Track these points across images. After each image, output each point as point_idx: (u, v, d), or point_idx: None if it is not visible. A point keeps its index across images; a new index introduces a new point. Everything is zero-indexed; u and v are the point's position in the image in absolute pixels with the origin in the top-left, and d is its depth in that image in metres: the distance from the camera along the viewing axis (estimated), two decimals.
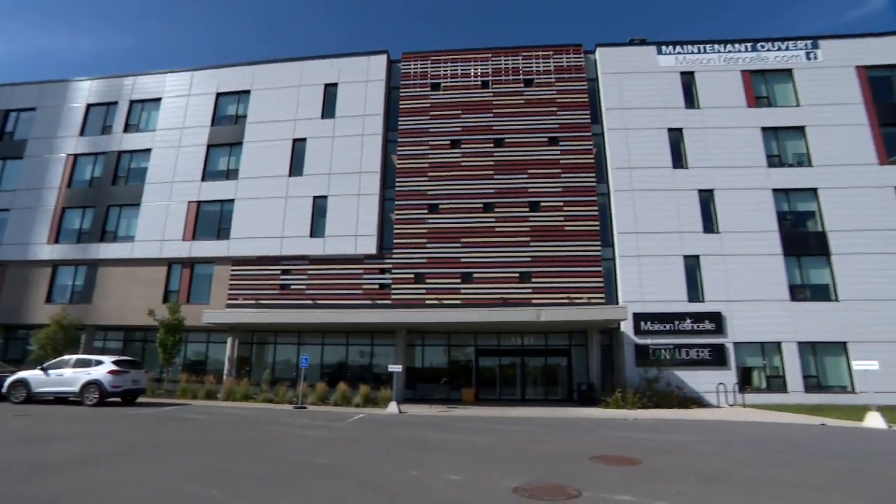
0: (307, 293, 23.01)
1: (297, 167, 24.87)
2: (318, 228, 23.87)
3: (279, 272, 23.54)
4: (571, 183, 23.02)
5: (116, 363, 16.51)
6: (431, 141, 24.28)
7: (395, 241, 23.19)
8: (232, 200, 24.87)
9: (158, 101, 27.49)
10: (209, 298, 23.68)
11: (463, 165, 23.76)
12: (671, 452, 9.20)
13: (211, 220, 24.97)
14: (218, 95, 26.91)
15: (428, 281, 22.46)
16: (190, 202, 25.24)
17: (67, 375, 16.18)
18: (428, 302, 22.05)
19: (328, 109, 25.51)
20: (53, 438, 9.73)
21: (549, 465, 7.98)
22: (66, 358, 17.07)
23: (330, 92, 25.78)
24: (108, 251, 25.30)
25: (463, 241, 22.74)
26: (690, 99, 23.86)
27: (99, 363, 16.35)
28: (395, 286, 22.59)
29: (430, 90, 25.10)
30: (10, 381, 16.50)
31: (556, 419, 15.35)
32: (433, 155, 24.08)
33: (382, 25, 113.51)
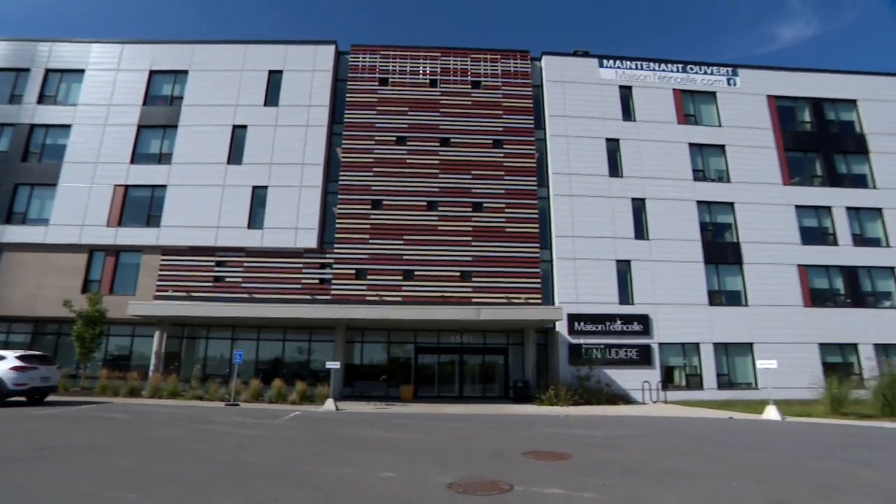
0: (243, 286, 22.16)
1: (236, 155, 23.83)
2: (256, 220, 23.02)
3: (214, 264, 22.49)
4: (514, 186, 23.62)
5: (21, 358, 15.08)
6: (377, 136, 24.07)
7: (336, 235, 22.81)
8: (164, 186, 23.44)
9: (81, 72, 25.31)
10: (135, 289, 22.23)
11: (408, 162, 23.74)
12: (599, 447, 9.73)
13: (140, 205, 23.39)
14: (151, 73, 25.21)
15: (369, 277, 22.30)
16: (116, 186, 23.52)
17: None
18: (369, 298, 21.89)
19: (272, 97, 24.63)
20: None
21: (483, 460, 8.22)
22: None
23: (274, 79, 24.89)
24: (14, 234, 23.04)
25: (406, 238, 22.75)
26: (627, 112, 25.16)
27: (1, 359, 14.91)
28: (335, 281, 22.24)
29: (377, 85, 24.86)
30: None
31: (491, 416, 15.76)
32: (379, 150, 23.89)
33: (330, 15, 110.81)
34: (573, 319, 21.82)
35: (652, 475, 7.22)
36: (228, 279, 22.33)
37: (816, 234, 24.28)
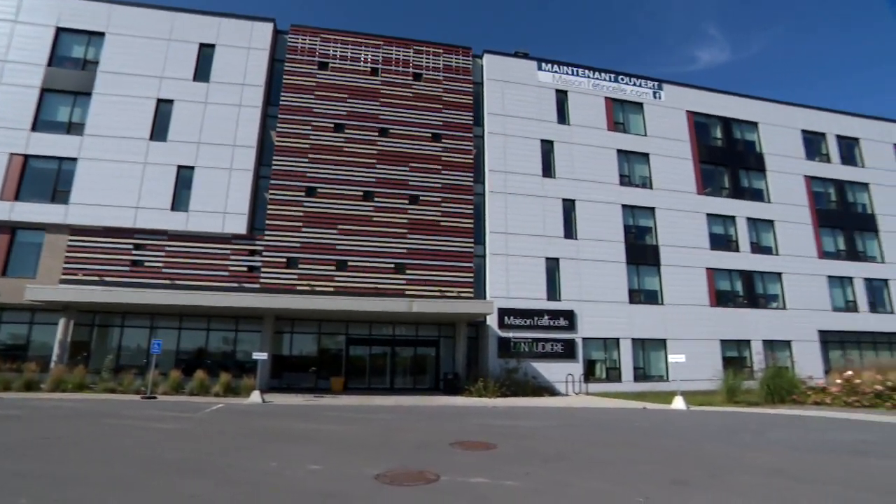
0: (165, 272, 20.81)
1: (160, 131, 22.21)
2: (181, 201, 21.64)
3: (132, 247, 20.90)
4: (450, 180, 23.88)
5: None
6: (314, 122, 23.39)
7: (267, 222, 21.98)
8: (75, 159, 21.38)
9: None
10: (36, 272, 20.20)
11: (345, 151, 23.29)
12: (523, 437, 10.21)
13: (44, 179, 21.20)
14: (59, 30, 22.73)
15: (301, 266, 21.72)
16: (13, 154, 21.12)
17: None
18: (299, 288, 21.34)
19: (202, 72, 23.15)
20: None
21: (412, 451, 8.38)
22: None
23: (205, 53, 23.41)
24: None
25: (340, 227, 22.36)
26: (562, 115, 26.17)
27: None
28: (265, 270, 21.46)
29: (317, 69, 24.11)
30: None
31: (421, 407, 15.98)
32: (315, 136, 23.23)
33: None
34: (503, 314, 22.50)
35: (572, 463, 7.71)
36: (148, 264, 20.87)
37: (723, 240, 26.71)
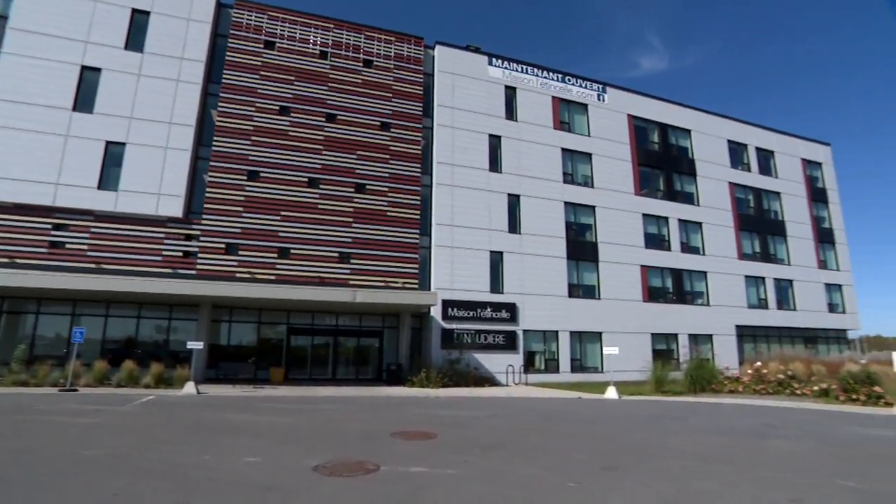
0: (89, 255, 19.36)
1: (85, 101, 20.51)
2: (110, 180, 20.16)
3: (50, 227, 19.22)
4: (398, 170, 23.73)
5: None
6: (259, 103, 22.47)
7: (206, 205, 20.95)
8: None
9: None
10: None
11: (291, 135, 22.57)
12: (463, 426, 10.43)
13: None
14: None
15: (241, 253, 20.91)
16: None
17: None
18: (239, 275, 20.56)
19: (135, 40, 21.55)
20: None
21: (352, 442, 8.37)
22: None
23: (139, 20, 21.81)
24: None
25: (283, 214, 21.71)
26: (510, 111, 26.61)
27: None
28: (202, 255, 20.48)
29: (262, 48, 23.12)
30: None
31: (363, 398, 15.93)
32: (259, 118, 22.33)
33: None
34: (447, 305, 22.73)
35: (509, 451, 7.98)
36: (70, 246, 19.33)
37: (656, 239, 28.28)
